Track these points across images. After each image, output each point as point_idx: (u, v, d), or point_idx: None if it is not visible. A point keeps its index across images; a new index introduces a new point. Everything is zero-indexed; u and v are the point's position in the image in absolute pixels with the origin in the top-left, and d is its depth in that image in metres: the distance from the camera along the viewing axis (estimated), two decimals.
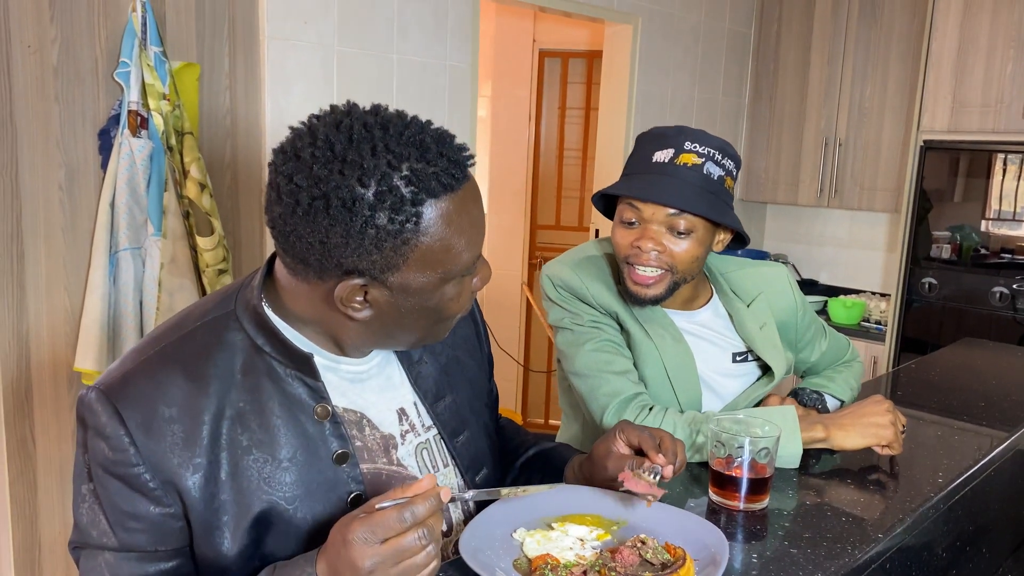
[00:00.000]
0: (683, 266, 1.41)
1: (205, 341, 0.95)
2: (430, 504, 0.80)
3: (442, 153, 0.88)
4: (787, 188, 4.02)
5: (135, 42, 2.08)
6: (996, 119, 3.16)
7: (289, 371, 0.96)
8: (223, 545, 0.92)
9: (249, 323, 0.96)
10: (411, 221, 0.86)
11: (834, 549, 1.06)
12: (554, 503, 1.12)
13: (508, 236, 4.69)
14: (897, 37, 3.58)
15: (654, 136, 1.41)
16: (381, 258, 0.87)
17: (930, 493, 1.25)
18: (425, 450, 1.09)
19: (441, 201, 0.87)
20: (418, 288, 0.91)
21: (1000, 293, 3.20)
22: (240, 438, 0.93)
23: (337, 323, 0.96)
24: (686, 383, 1.48)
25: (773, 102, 4.03)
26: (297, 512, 0.95)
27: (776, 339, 1.55)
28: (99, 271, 2.08)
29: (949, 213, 3.35)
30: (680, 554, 0.95)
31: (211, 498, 0.91)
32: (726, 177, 1.40)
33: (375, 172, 0.84)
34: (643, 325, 1.47)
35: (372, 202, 0.84)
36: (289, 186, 0.86)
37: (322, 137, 0.86)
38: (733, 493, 1.17)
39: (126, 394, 0.90)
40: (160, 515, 0.91)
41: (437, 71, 2.84)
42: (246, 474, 0.92)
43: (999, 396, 1.78)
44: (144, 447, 0.89)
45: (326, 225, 0.84)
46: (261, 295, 0.97)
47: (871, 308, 3.79)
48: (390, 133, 0.86)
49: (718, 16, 3.87)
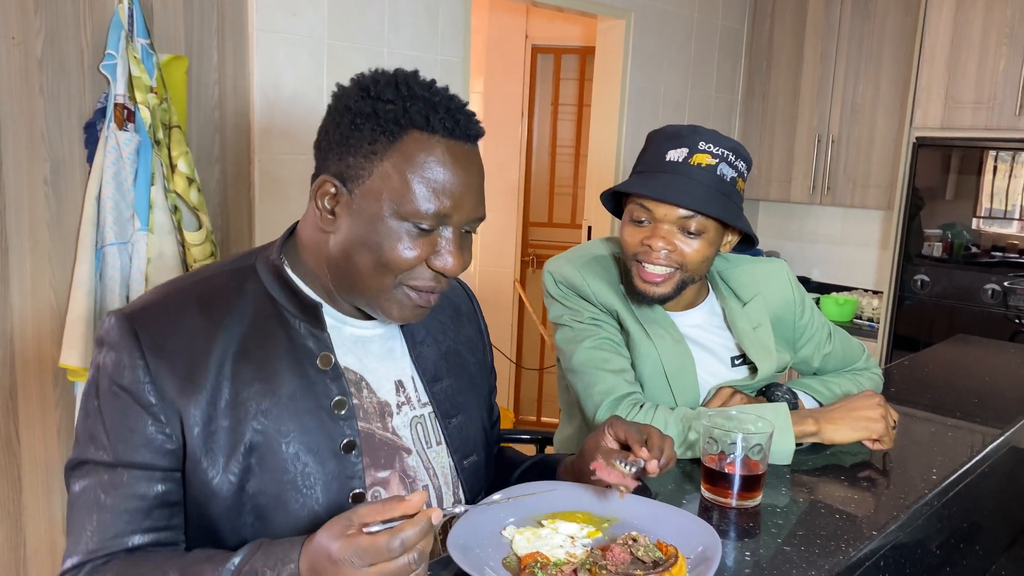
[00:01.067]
0: (693, 266, 1.39)
1: (223, 285, 1.03)
2: (420, 528, 0.79)
3: (448, 107, 0.97)
4: (780, 185, 4.01)
5: (121, 34, 2.05)
6: (989, 116, 3.15)
7: (298, 321, 1.03)
8: (212, 471, 0.96)
9: (266, 275, 1.04)
10: (387, 136, 0.95)
11: (828, 547, 1.05)
12: (545, 501, 1.11)
13: (501, 233, 4.67)
14: (890, 34, 3.57)
15: (668, 134, 1.40)
16: (354, 162, 0.96)
17: (924, 490, 1.24)
18: (419, 424, 1.11)
19: (423, 136, 0.95)
20: (372, 212, 0.96)
21: (992, 290, 3.20)
22: (244, 371, 0.98)
23: (322, 253, 1.02)
24: (685, 384, 1.46)
25: (766, 99, 4.02)
26: (289, 448, 0.98)
27: (769, 341, 1.52)
28: (85, 266, 2.05)
29: (941, 210, 3.34)
30: (672, 552, 0.94)
31: (209, 422, 0.95)
32: (738, 179, 1.39)
33: (381, 92, 0.96)
34: (643, 325, 1.46)
35: (366, 110, 0.95)
36: (332, 95, 1.02)
37: (374, 70, 1.01)
38: (726, 490, 1.16)
39: (144, 317, 0.97)
40: (157, 433, 0.94)
41: (429, 66, 2.81)
42: (245, 405, 0.97)
43: (992, 393, 1.77)
44: (153, 365, 0.94)
45: (332, 122, 0.98)
46: (281, 253, 1.06)
47: (863, 305, 3.79)
48: (413, 79, 0.98)
49: (711, 12, 3.86)
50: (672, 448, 1.11)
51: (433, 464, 1.11)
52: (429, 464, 1.11)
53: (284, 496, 0.98)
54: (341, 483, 1.01)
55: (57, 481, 2.16)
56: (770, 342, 1.52)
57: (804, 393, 1.55)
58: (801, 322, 1.59)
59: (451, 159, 0.96)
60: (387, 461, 1.06)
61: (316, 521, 0.98)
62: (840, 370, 1.67)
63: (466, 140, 0.98)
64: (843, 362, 1.67)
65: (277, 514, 0.98)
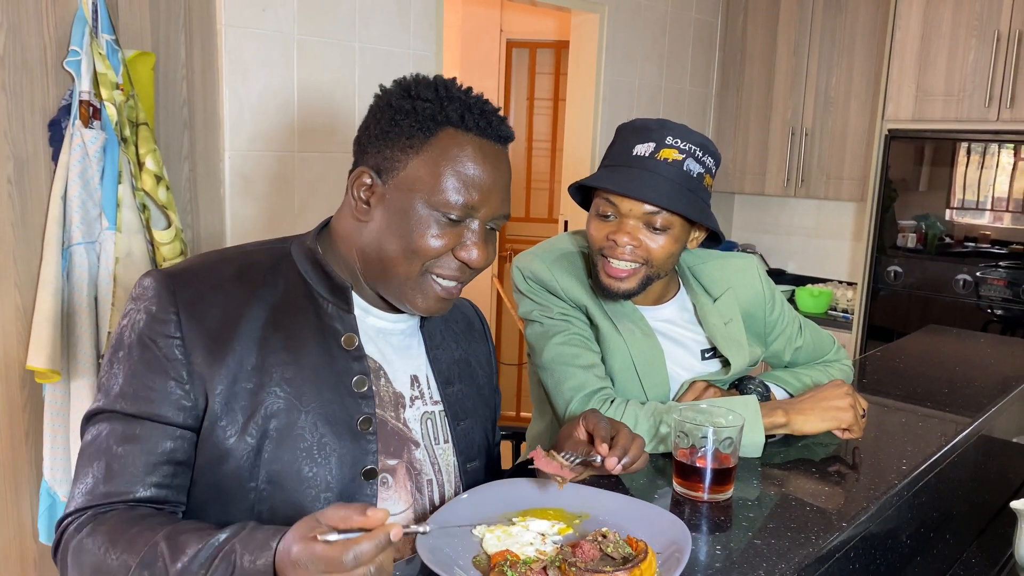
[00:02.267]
0: (658, 262, 1.39)
1: (261, 260, 1.08)
2: (376, 544, 0.78)
3: (483, 111, 1.04)
4: (754, 178, 4.03)
5: (85, 30, 2.02)
6: (959, 108, 3.18)
7: (327, 302, 1.07)
8: (229, 430, 0.98)
9: (300, 257, 1.10)
10: (423, 131, 1.01)
11: (798, 539, 1.05)
12: (516, 497, 1.10)
13: None
14: (862, 27, 3.60)
15: (635, 128, 1.39)
16: (390, 155, 1.02)
17: (894, 480, 1.24)
18: (430, 420, 1.15)
19: (457, 133, 1.02)
20: (404, 205, 1.02)
21: (963, 281, 3.23)
22: (272, 339, 1.02)
23: (355, 239, 1.07)
24: (655, 378, 1.46)
25: (740, 92, 4.04)
26: (308, 417, 1.01)
27: (740, 335, 1.53)
28: (51, 266, 2.02)
29: (914, 202, 3.37)
30: (642, 547, 0.93)
31: (234, 382, 0.99)
32: (705, 175, 1.38)
33: (421, 93, 1.02)
34: (613, 320, 1.45)
35: (406, 108, 1.02)
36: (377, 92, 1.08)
37: (417, 74, 1.07)
38: (697, 484, 1.16)
39: (183, 277, 1.01)
40: (176, 388, 0.97)
41: (401, 60, 2.79)
42: (269, 370, 1.00)
43: (962, 382, 1.79)
44: (186, 324, 0.98)
45: (373, 118, 1.05)
46: (316, 239, 1.11)
47: (838, 297, 3.82)
48: (453, 84, 1.05)
49: (685, 5, 3.86)
50: (640, 448, 1.11)
51: (439, 460, 1.14)
52: (436, 460, 1.14)
53: (298, 464, 1.00)
54: (355, 458, 1.04)
55: (27, 485, 2.13)
56: (742, 337, 1.53)
57: (776, 385, 1.56)
58: (772, 317, 1.60)
59: (482, 156, 1.03)
60: (396, 450, 1.09)
61: (327, 492, 1.01)
62: (811, 362, 1.68)
63: (497, 140, 1.06)
64: (814, 354, 1.68)
65: (289, 482, 1.00)
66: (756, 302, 1.57)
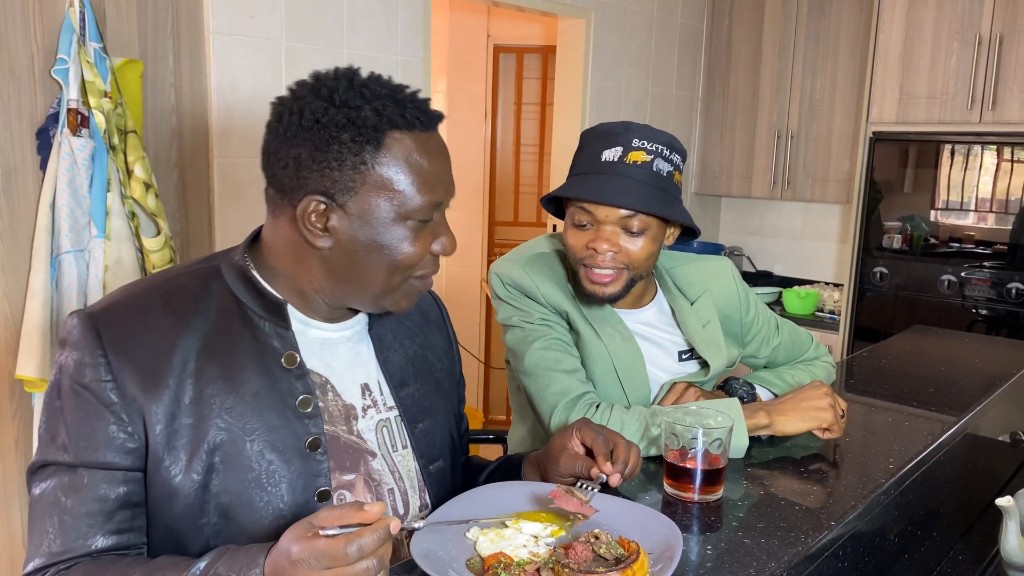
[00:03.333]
0: (639, 264, 1.40)
1: (188, 285, 1.02)
2: (378, 536, 0.79)
3: (413, 101, 0.99)
4: (741, 181, 4.05)
5: (73, 38, 2.02)
6: (942, 110, 3.22)
7: (263, 321, 1.03)
8: (174, 470, 0.95)
9: (231, 276, 1.04)
10: (371, 143, 0.95)
11: (787, 538, 1.07)
12: (509, 501, 1.11)
13: (466, 232, 4.66)
14: (845, 31, 3.63)
15: (601, 133, 1.40)
16: (342, 177, 0.95)
17: (881, 479, 1.26)
18: (385, 428, 1.12)
19: (403, 135, 0.97)
20: (374, 219, 0.97)
21: (948, 281, 3.27)
22: (208, 368, 0.97)
23: (304, 263, 1.02)
24: (636, 381, 1.47)
25: (726, 96, 4.07)
26: (253, 445, 0.98)
27: (719, 337, 1.54)
28: (40, 275, 2.01)
29: (900, 204, 3.40)
30: (634, 548, 0.95)
31: (172, 419, 0.95)
32: (675, 172, 1.39)
33: (346, 99, 0.95)
34: (593, 324, 1.46)
35: (340, 120, 0.94)
36: (277, 108, 0.99)
37: (314, 75, 1.00)
38: (688, 485, 1.17)
39: (107, 316, 0.96)
40: (119, 432, 0.94)
41: (388, 66, 2.80)
42: (208, 402, 0.97)
43: (947, 381, 1.81)
44: (116, 364, 0.94)
45: (300, 139, 0.95)
46: (245, 254, 1.06)
47: (825, 298, 3.85)
48: (370, 79, 0.99)
49: (670, 10, 3.89)
50: (638, 456, 1.12)
51: (399, 468, 1.11)
52: (395, 468, 1.11)
53: (248, 495, 0.97)
54: (307, 481, 1.00)
55: (16, 494, 2.12)
56: (719, 338, 1.54)
57: (760, 386, 1.58)
58: (747, 318, 1.62)
59: (430, 149, 1.00)
60: (352, 464, 1.06)
61: (281, 520, 0.98)
62: (792, 361, 1.70)
63: (434, 128, 1.02)
64: (793, 353, 1.70)
65: (241, 513, 0.97)
66: (732, 304, 1.59)
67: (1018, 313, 3.12)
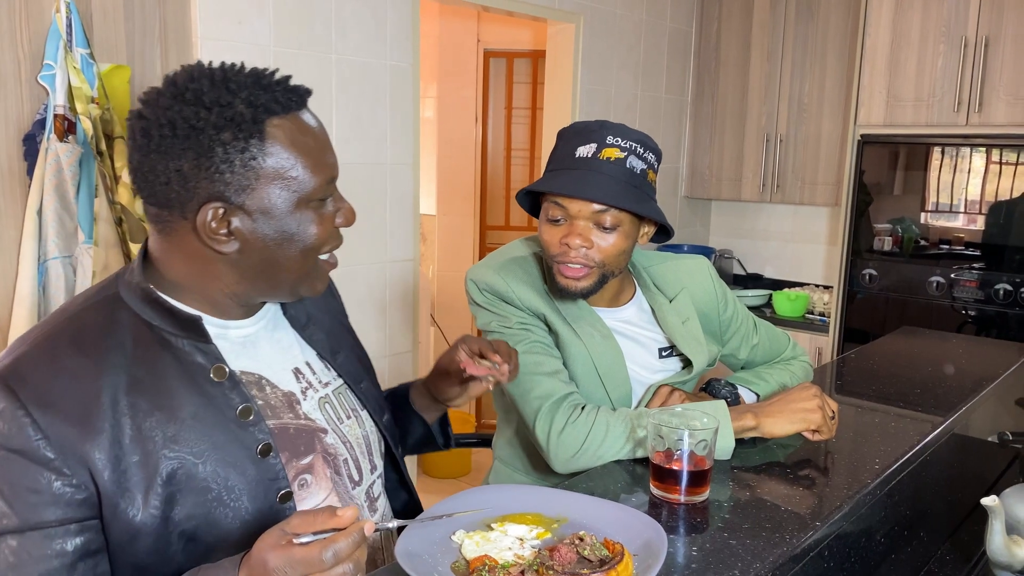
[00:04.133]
0: (611, 260, 1.41)
1: (94, 320, 0.97)
2: (352, 540, 0.79)
3: (279, 83, 0.96)
4: (730, 184, 4.07)
5: (60, 44, 2.01)
6: (929, 113, 3.23)
7: (180, 339, 0.98)
8: (131, 511, 0.92)
9: (134, 300, 0.99)
10: (255, 136, 0.92)
11: (773, 538, 1.07)
12: (494, 503, 1.11)
13: (458, 236, 4.67)
14: (833, 34, 3.65)
15: (576, 131, 1.41)
16: (233, 177, 0.92)
17: (867, 479, 1.26)
18: (327, 404, 1.12)
19: (282, 120, 0.95)
20: (276, 211, 0.95)
21: (937, 283, 3.28)
22: (139, 402, 0.93)
23: (211, 272, 0.99)
24: (616, 380, 1.48)
25: (715, 99, 4.08)
26: (206, 466, 0.95)
27: (699, 333, 1.55)
28: (27, 281, 2.01)
29: (891, 205, 3.42)
30: (618, 549, 0.95)
31: (117, 462, 0.91)
32: (648, 170, 1.40)
33: (215, 97, 0.91)
34: (571, 324, 1.47)
35: (216, 122, 0.90)
36: (140, 123, 0.93)
37: (168, 81, 0.94)
38: (674, 486, 1.17)
39: (17, 372, 0.90)
40: (62, 487, 0.89)
41: (378, 71, 2.80)
42: (150, 435, 0.93)
43: (934, 382, 1.82)
44: (42, 420, 0.88)
45: (178, 151, 0.91)
46: (143, 274, 1.00)
47: (815, 300, 3.86)
48: (228, 71, 0.95)
49: (659, 15, 3.90)
50: (516, 356, 1.22)
51: (349, 437, 1.13)
52: (345, 439, 1.12)
53: (212, 515, 0.95)
54: (266, 486, 0.99)
55: None
56: (700, 335, 1.55)
57: (742, 387, 1.58)
58: (725, 315, 1.63)
59: (309, 127, 0.98)
60: (307, 447, 1.06)
61: (248, 530, 0.97)
62: (770, 361, 1.71)
63: (306, 105, 1.00)
64: (770, 352, 1.71)
65: (208, 533, 0.96)
66: (709, 302, 1.60)
67: (1006, 314, 3.13)
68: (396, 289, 3.02)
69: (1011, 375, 1.96)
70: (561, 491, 1.18)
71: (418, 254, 3.10)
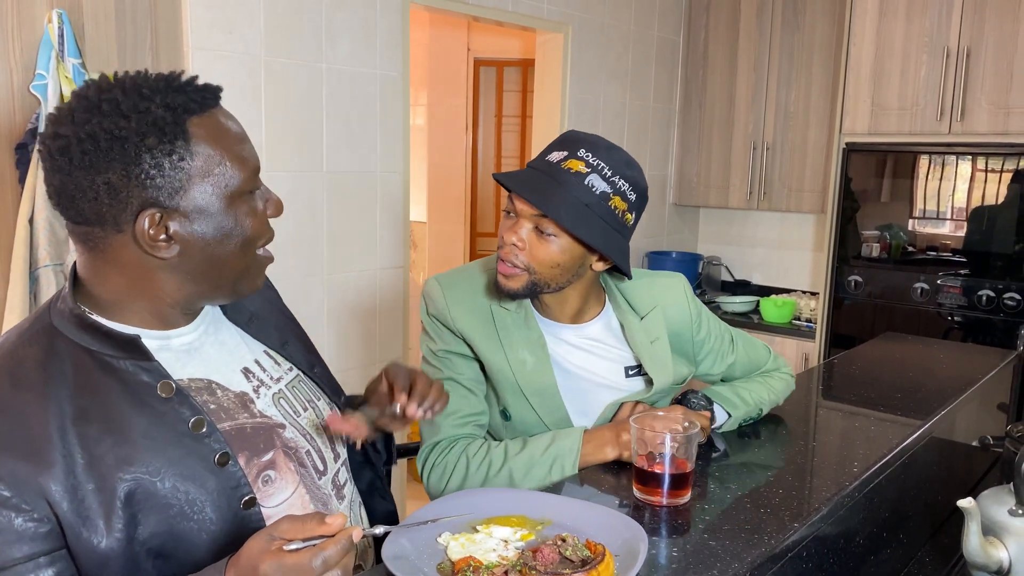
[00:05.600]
0: (540, 268, 1.37)
1: (29, 354, 0.95)
2: (341, 547, 0.81)
3: (189, 84, 0.96)
4: (718, 191, 4.11)
5: (52, 54, 2.03)
6: (912, 121, 3.28)
7: (121, 361, 0.97)
8: (95, 538, 0.91)
9: (69, 327, 0.97)
10: (180, 138, 0.92)
11: (752, 539, 1.09)
12: (481, 506, 1.14)
13: (448, 243, 4.69)
14: (819, 43, 3.70)
15: (564, 137, 1.41)
16: (165, 181, 0.92)
17: (847, 482, 1.29)
18: (282, 399, 1.13)
19: (201, 118, 0.95)
20: (211, 208, 0.96)
21: (921, 289, 3.32)
22: (88, 431, 0.92)
23: (152, 282, 0.98)
24: (549, 405, 1.46)
25: (703, 108, 4.12)
26: (164, 482, 0.94)
27: (666, 355, 1.51)
28: (18, 289, 2.02)
29: (878, 212, 3.45)
30: (600, 550, 0.97)
31: (74, 491, 0.90)
32: (613, 196, 1.34)
33: (132, 105, 0.91)
34: (504, 348, 1.45)
35: (138, 128, 0.90)
36: (57, 143, 0.91)
37: (77, 96, 0.93)
38: (656, 489, 1.20)
39: None
40: (24, 522, 0.88)
41: (368, 80, 2.83)
42: (103, 460, 0.92)
43: (914, 387, 1.85)
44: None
45: (103, 164, 0.90)
46: (75, 300, 0.99)
47: (801, 306, 3.89)
48: (138, 79, 0.95)
49: (647, 24, 3.94)
50: (440, 390, 1.17)
51: (307, 428, 1.14)
52: (305, 431, 1.13)
53: (176, 529, 0.95)
54: (228, 495, 0.99)
55: None
56: (667, 356, 1.51)
57: (717, 405, 1.53)
58: (699, 336, 1.58)
59: (227, 123, 0.99)
60: (266, 444, 1.06)
61: (216, 540, 0.97)
62: (750, 375, 1.66)
63: (219, 102, 1.00)
64: (749, 367, 1.66)
65: (177, 548, 0.96)
66: (683, 322, 1.55)
67: (989, 320, 3.18)
68: (386, 296, 3.04)
69: (992, 379, 1.99)
70: (546, 494, 1.21)
71: (408, 261, 3.12)
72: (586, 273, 1.43)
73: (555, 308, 1.48)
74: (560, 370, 1.48)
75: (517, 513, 1.14)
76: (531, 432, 1.47)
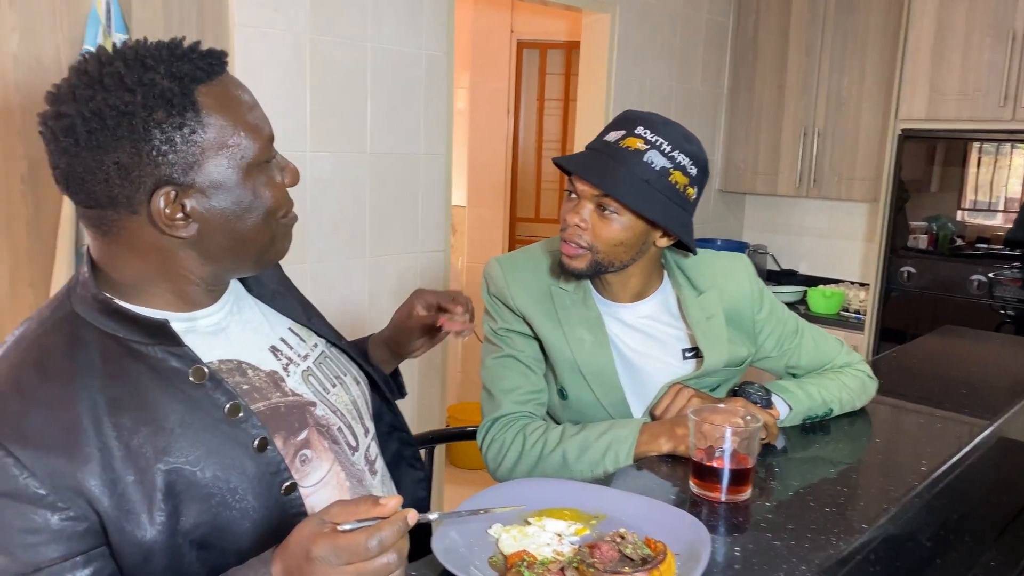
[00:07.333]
0: (603, 247, 1.37)
1: (54, 343, 0.90)
2: (397, 529, 0.77)
3: (193, 51, 0.91)
4: (766, 178, 4.01)
5: (99, 30, 2.02)
6: (973, 107, 3.16)
7: (150, 347, 0.92)
8: (139, 532, 0.88)
9: (93, 314, 0.92)
10: (190, 109, 0.88)
11: (818, 541, 1.04)
12: (531, 498, 1.10)
13: (488, 228, 4.65)
14: (874, 26, 3.57)
15: (622, 117, 1.40)
16: (178, 157, 0.88)
17: (914, 482, 1.23)
18: (311, 376, 1.10)
19: (209, 87, 0.90)
20: (228, 182, 0.91)
21: (978, 281, 3.21)
22: (123, 421, 0.88)
23: (173, 263, 0.94)
24: (607, 386, 1.45)
25: (752, 92, 4.02)
26: (205, 471, 0.91)
27: (721, 332, 1.47)
28: (63, 265, 2.02)
29: (927, 202, 3.35)
30: (661, 548, 0.93)
31: (114, 486, 0.86)
32: (673, 171, 1.33)
33: (136, 77, 0.85)
34: (563, 327, 1.45)
35: (144, 102, 0.85)
36: (60, 123, 0.86)
37: (77, 71, 0.88)
38: (715, 485, 1.15)
39: None
40: (60, 521, 0.84)
41: (413, 61, 2.79)
42: (141, 452, 0.88)
43: (980, 383, 1.77)
44: (24, 456, 0.83)
45: (112, 143, 0.85)
46: (95, 285, 0.93)
47: (850, 298, 3.79)
48: (138, 48, 0.89)
49: (696, 5, 3.85)
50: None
51: (338, 406, 1.11)
52: (335, 408, 1.10)
53: (220, 519, 0.92)
54: (268, 481, 0.96)
55: None
56: (722, 333, 1.48)
57: (776, 394, 1.46)
58: (760, 316, 1.53)
59: (236, 90, 0.94)
60: (300, 423, 1.03)
61: (258, 528, 0.95)
62: (818, 368, 1.58)
63: (226, 69, 0.95)
64: (816, 359, 1.58)
65: (221, 537, 0.93)
66: (743, 300, 1.51)
67: None
68: (426, 279, 3.01)
69: None
70: (598, 487, 1.16)
71: (449, 245, 3.09)
72: (649, 250, 1.43)
73: (616, 287, 1.48)
74: (616, 350, 1.47)
75: (569, 506, 1.10)
76: (588, 411, 1.47)
